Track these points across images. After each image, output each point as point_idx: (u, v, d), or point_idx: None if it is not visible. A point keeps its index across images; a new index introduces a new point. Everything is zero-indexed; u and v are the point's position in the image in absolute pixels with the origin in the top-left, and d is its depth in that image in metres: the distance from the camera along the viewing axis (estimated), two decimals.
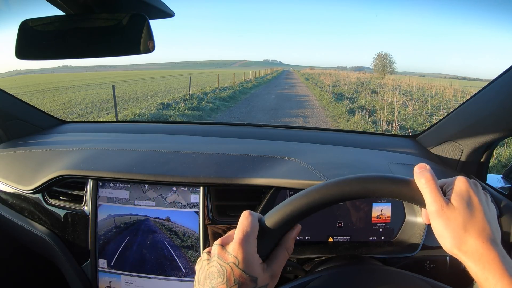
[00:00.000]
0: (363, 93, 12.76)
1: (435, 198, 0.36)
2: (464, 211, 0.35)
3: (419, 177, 0.37)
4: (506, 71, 0.69)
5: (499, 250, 0.33)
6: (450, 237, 0.35)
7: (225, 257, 0.38)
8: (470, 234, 0.34)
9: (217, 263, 0.38)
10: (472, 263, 0.33)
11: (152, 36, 0.60)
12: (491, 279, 0.32)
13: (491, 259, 0.33)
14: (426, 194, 0.36)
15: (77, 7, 0.60)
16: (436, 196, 0.36)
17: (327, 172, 0.74)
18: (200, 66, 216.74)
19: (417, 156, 0.92)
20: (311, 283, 0.50)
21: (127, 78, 28.67)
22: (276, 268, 0.40)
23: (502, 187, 0.87)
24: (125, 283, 0.79)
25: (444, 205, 0.35)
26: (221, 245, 0.39)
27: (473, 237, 0.34)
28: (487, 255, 0.33)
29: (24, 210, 0.88)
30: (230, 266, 0.37)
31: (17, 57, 0.61)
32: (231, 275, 0.36)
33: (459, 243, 0.34)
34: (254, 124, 1.23)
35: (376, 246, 0.73)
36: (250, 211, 0.41)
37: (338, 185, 0.40)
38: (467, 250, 0.34)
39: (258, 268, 0.38)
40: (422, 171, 0.38)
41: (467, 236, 0.34)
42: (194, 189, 0.76)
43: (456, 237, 0.34)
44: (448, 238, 0.35)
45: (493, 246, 0.33)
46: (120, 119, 7.22)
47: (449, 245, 0.35)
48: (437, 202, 0.35)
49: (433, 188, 0.36)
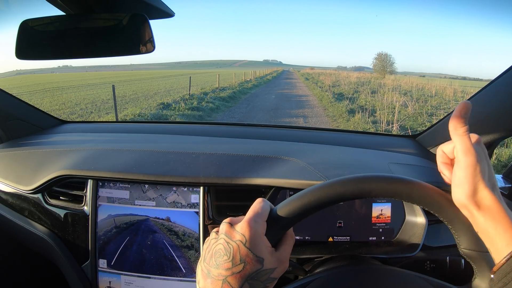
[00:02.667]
0: (363, 93, 12.76)
1: (471, 150, 0.36)
2: (487, 169, 0.37)
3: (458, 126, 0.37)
4: (506, 71, 0.69)
5: (503, 203, 0.36)
6: (468, 188, 0.36)
7: (233, 235, 0.37)
8: (485, 189, 0.36)
9: (224, 240, 0.37)
10: (482, 216, 0.36)
11: (152, 36, 0.60)
12: (500, 228, 0.35)
13: (499, 210, 0.35)
14: (461, 144, 0.37)
15: (77, 7, 0.60)
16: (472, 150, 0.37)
17: (327, 172, 0.74)
18: (200, 66, 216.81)
19: (417, 156, 0.92)
20: (312, 283, 0.50)
21: (127, 78, 28.68)
22: (285, 255, 0.40)
23: (502, 187, 0.88)
24: (125, 283, 0.79)
25: (477, 160, 0.36)
26: (230, 223, 0.39)
27: (488, 192, 0.36)
28: (495, 207, 0.35)
29: (24, 210, 0.88)
30: (237, 244, 0.37)
31: (17, 57, 0.61)
32: (237, 253, 0.36)
33: (474, 195, 0.36)
34: (254, 124, 1.23)
35: (376, 246, 0.73)
36: (264, 199, 0.42)
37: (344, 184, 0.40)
38: (481, 202, 0.36)
39: (265, 250, 0.38)
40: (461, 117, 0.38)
41: (483, 190, 0.36)
42: (194, 189, 0.76)
43: (473, 189, 0.36)
44: (466, 188, 0.36)
45: (499, 199, 0.36)
46: (120, 119, 7.22)
47: (464, 195, 0.36)
48: (472, 155, 0.36)
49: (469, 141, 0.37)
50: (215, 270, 0.36)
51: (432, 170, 0.83)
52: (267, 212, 0.40)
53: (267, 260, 0.37)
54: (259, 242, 0.37)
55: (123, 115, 7.88)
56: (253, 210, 0.40)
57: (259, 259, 0.37)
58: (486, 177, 0.36)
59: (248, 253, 0.36)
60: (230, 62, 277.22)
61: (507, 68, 0.69)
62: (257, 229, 0.38)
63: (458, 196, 0.37)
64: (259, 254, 0.37)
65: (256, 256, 0.37)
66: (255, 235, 0.37)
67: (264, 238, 0.38)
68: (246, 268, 0.36)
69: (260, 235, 0.38)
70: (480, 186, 0.36)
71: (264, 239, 0.38)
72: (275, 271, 0.38)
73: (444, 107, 9.60)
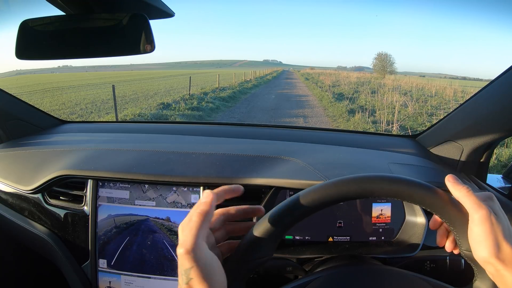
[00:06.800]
0: (363, 93, 12.75)
1: (480, 205, 0.37)
2: (504, 221, 0.36)
3: (458, 187, 0.39)
4: (506, 71, 0.69)
5: None
6: (490, 244, 0.35)
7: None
8: (508, 243, 0.35)
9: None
10: (510, 272, 0.35)
11: (152, 36, 0.60)
12: None
13: None
14: (468, 202, 0.37)
15: (77, 7, 0.60)
16: (481, 204, 0.37)
17: (326, 172, 0.74)
18: (200, 66, 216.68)
19: (417, 156, 0.92)
20: (311, 283, 0.50)
21: (127, 78, 28.66)
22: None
23: (502, 187, 0.88)
24: (125, 283, 0.79)
25: (491, 212, 0.36)
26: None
27: (509, 244, 0.35)
28: None
29: (24, 210, 0.88)
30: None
31: (17, 57, 0.61)
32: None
33: (498, 251, 0.35)
34: (254, 124, 1.23)
35: (376, 246, 0.73)
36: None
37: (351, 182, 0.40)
38: (505, 258, 0.35)
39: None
40: (458, 182, 0.39)
41: (506, 245, 0.35)
42: (194, 189, 0.76)
43: (495, 244, 0.35)
44: (488, 245, 0.35)
45: None
46: (120, 119, 7.22)
47: (487, 252, 0.35)
48: (484, 209, 0.36)
49: (475, 196, 0.37)
50: None
51: (432, 170, 0.83)
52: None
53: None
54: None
55: (123, 115, 7.88)
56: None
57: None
58: (507, 231, 0.36)
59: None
60: (230, 62, 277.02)
61: (507, 68, 0.69)
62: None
63: (481, 254, 0.36)
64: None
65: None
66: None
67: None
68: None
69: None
70: (502, 242, 0.35)
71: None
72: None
73: (444, 107, 9.60)
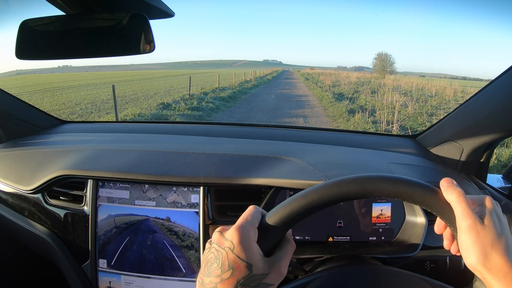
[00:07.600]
0: (363, 93, 12.76)
1: (468, 213, 0.36)
2: (494, 230, 0.36)
3: (450, 192, 0.38)
4: (506, 71, 0.69)
5: None
6: (477, 253, 0.35)
7: (222, 242, 0.38)
8: (496, 252, 0.35)
9: (214, 249, 0.38)
10: (496, 281, 0.35)
11: (152, 36, 0.60)
12: None
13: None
14: (458, 209, 0.37)
15: (77, 7, 0.60)
16: (469, 212, 0.36)
17: (326, 172, 0.74)
18: (200, 66, 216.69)
19: (417, 156, 0.92)
20: (312, 283, 0.50)
21: (127, 78, 28.66)
22: (280, 261, 0.40)
23: (502, 187, 0.88)
24: (125, 283, 0.79)
25: (477, 221, 0.36)
26: (220, 232, 0.39)
27: (499, 255, 0.35)
28: (511, 274, 0.34)
29: (24, 210, 0.88)
30: (226, 250, 0.37)
31: (17, 57, 0.61)
32: (225, 260, 0.36)
33: (485, 260, 0.35)
34: (254, 124, 1.23)
35: (376, 246, 0.73)
36: (256, 206, 0.41)
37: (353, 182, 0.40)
38: (492, 267, 0.35)
39: (254, 255, 0.37)
40: (452, 186, 0.38)
41: (493, 253, 0.35)
42: (194, 189, 0.76)
43: (482, 253, 0.35)
44: (475, 253, 0.35)
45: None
46: (120, 119, 7.22)
47: (474, 260, 0.35)
48: (470, 218, 0.36)
49: (465, 203, 0.37)
50: (207, 278, 0.37)
51: (432, 170, 0.83)
52: (258, 219, 0.40)
53: (256, 266, 0.37)
54: (248, 248, 0.37)
55: (123, 115, 7.88)
56: (243, 217, 0.40)
57: (248, 265, 0.37)
58: (497, 239, 0.35)
59: (235, 259, 0.36)
60: (230, 62, 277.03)
61: (506, 68, 0.69)
62: (245, 236, 0.38)
63: (468, 262, 0.36)
64: (247, 260, 0.37)
65: (244, 261, 0.36)
66: (243, 241, 0.37)
67: (255, 245, 0.38)
68: (235, 274, 0.36)
69: (248, 240, 0.38)
70: (490, 251, 0.35)
71: (255, 246, 0.38)
72: (268, 277, 0.38)
73: (444, 107, 9.60)
